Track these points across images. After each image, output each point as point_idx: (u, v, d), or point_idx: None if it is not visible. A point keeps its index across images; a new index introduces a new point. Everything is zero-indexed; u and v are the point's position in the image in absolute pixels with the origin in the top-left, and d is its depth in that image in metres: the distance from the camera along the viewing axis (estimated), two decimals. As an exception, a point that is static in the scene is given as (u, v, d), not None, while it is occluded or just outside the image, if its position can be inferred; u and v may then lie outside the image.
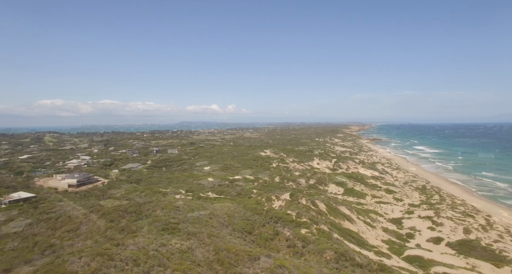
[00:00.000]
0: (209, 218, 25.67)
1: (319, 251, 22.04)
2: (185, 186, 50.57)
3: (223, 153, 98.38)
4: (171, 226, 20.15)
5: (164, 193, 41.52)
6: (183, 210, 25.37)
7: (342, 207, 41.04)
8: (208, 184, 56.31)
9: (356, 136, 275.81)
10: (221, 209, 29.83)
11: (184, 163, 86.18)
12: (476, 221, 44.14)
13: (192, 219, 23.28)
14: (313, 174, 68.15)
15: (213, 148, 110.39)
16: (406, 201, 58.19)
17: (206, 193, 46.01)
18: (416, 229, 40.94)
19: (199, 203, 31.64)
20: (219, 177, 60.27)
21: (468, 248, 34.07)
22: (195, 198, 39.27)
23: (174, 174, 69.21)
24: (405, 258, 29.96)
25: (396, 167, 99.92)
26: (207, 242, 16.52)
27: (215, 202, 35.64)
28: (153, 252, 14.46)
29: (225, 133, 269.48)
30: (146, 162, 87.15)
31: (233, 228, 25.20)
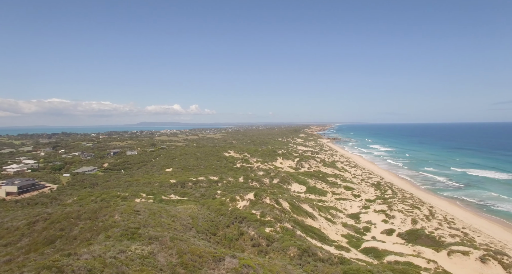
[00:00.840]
0: (172, 221, 24.83)
1: (283, 248, 22.50)
2: (146, 189, 48.35)
3: (186, 154, 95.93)
4: (131, 231, 19.11)
5: (123, 197, 39.25)
6: (144, 214, 24.21)
7: (304, 204, 42.41)
8: (170, 186, 54.47)
9: (317, 136, 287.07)
10: (184, 212, 29.04)
11: (144, 165, 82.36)
12: (421, 212, 48.62)
13: (154, 222, 22.33)
14: (276, 174, 69.49)
15: (176, 149, 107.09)
16: (363, 196, 62.03)
17: (168, 195, 44.46)
18: (372, 223, 43.80)
19: (161, 206, 30.45)
20: (182, 179, 58.65)
21: (415, 237, 37.40)
22: (156, 201, 37.72)
23: (134, 176, 65.77)
24: (362, 250, 31.85)
25: (354, 165, 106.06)
26: (170, 246, 15.96)
27: (178, 205, 34.60)
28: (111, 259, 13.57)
29: (188, 134, 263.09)
30: (102, 165, 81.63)
31: (197, 230, 24.68)
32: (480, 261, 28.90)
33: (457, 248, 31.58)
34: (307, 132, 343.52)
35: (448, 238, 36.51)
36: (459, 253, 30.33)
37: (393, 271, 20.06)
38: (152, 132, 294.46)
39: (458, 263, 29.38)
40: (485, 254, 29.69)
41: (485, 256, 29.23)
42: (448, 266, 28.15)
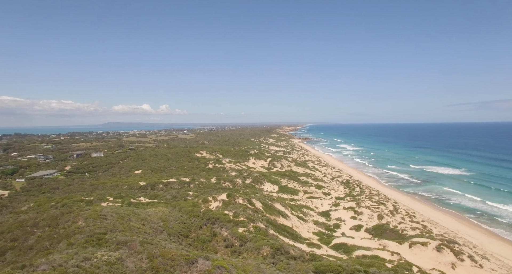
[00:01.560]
0: (142, 224, 23.87)
1: (256, 248, 22.60)
2: (113, 192, 46.02)
3: (156, 155, 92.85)
4: (97, 237, 18.05)
5: (88, 201, 36.98)
6: (111, 218, 23.01)
7: (277, 204, 42.95)
8: (140, 188, 52.40)
9: (288, 136, 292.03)
10: (155, 214, 28.07)
11: (111, 167, 78.38)
12: (386, 207, 51.47)
13: (122, 227, 21.31)
14: (249, 174, 69.66)
15: (145, 151, 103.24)
16: (333, 194, 64.20)
17: (137, 198, 42.72)
18: (341, 220, 45.47)
19: (130, 209, 29.16)
20: (152, 181, 56.67)
21: (380, 231, 39.46)
22: (125, 204, 36.05)
23: (99, 179, 62.33)
24: (332, 246, 32.96)
25: (324, 164, 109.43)
26: (140, 250, 15.34)
27: (148, 207, 33.37)
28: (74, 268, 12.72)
29: (158, 134, 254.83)
30: (63, 168, 76.31)
31: (168, 233, 23.97)
32: (436, 250, 31.26)
33: (417, 239, 33.82)
34: (279, 132, 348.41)
35: (410, 231, 38.99)
36: (419, 244, 32.54)
37: (361, 265, 20.97)
38: (119, 133, 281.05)
39: (418, 253, 31.51)
40: (440, 243, 32.17)
41: (440, 246, 31.68)
42: (410, 257, 30.06)
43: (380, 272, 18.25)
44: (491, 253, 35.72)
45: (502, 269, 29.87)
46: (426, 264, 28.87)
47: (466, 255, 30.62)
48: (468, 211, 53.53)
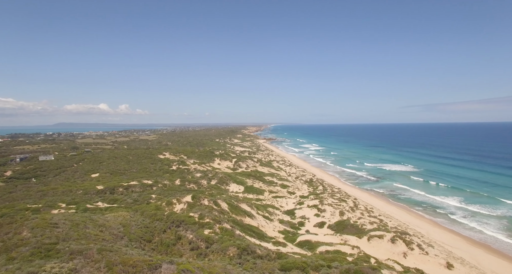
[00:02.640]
0: (100, 231, 22.30)
1: (223, 249, 22.37)
2: (66, 198, 42.42)
3: (115, 158, 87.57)
4: (46, 248, 16.43)
5: (35, 209, 33.55)
6: (64, 226, 21.15)
7: (243, 204, 42.98)
8: (97, 193, 48.97)
9: (253, 136, 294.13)
10: (114, 220, 26.41)
11: (64, 171, 72.20)
12: (347, 204, 54.21)
13: (77, 235, 19.70)
14: (214, 175, 68.83)
15: (103, 153, 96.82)
16: (298, 193, 65.98)
17: (95, 203, 39.86)
18: (305, 217, 46.90)
19: (86, 215, 27.09)
20: (111, 184, 53.30)
21: (342, 227, 41.46)
22: (80, 210, 33.39)
23: (49, 185, 57.02)
24: (297, 244, 33.83)
25: (289, 164, 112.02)
26: (97, 259, 14.31)
27: (107, 213, 31.28)
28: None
29: (118, 135, 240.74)
30: (3, 173, 68.47)
31: (129, 239, 22.71)
32: (391, 242, 33.69)
33: (375, 233, 36.11)
34: (244, 133, 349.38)
35: (368, 225, 41.49)
36: (376, 237, 34.79)
37: (324, 260, 21.81)
38: (73, 134, 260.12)
39: (375, 246, 33.67)
40: (394, 235, 34.74)
41: (394, 237, 34.21)
42: (368, 250, 32.00)
43: (342, 266, 19.12)
44: (435, 241, 39.48)
45: (442, 254, 33.33)
46: (382, 255, 30.94)
47: (415, 244, 33.42)
48: (416, 204, 58.50)
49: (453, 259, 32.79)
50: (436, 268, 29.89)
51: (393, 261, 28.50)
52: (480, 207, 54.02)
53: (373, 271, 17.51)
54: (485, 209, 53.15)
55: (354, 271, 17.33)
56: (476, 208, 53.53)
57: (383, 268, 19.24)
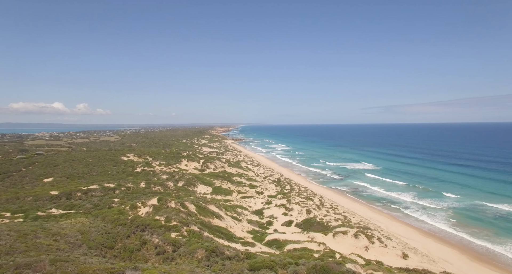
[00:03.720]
0: (54, 240, 20.53)
1: (190, 252, 21.85)
2: (12, 206, 38.47)
3: (73, 160, 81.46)
4: (-14, 264, 14.71)
5: (-26, 219, 29.95)
6: (8, 238, 19.09)
7: (211, 205, 42.41)
8: (50, 199, 45.08)
9: (221, 137, 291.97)
10: (71, 227, 24.49)
11: (10, 176, 65.42)
12: (314, 202, 55.96)
13: (25, 246, 17.92)
14: (181, 176, 67.09)
15: (58, 155, 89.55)
16: (266, 193, 66.66)
17: (48, 210, 36.63)
18: (274, 217, 47.52)
19: (37, 224, 24.78)
20: (67, 189, 49.42)
21: (309, 225, 42.68)
22: (29, 219, 30.45)
23: (-8, 192, 51.26)
24: (266, 243, 34.14)
25: (257, 164, 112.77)
26: (50, 271, 13.15)
27: (63, 220, 28.91)
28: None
29: (75, 136, 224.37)
30: None
31: (88, 246, 21.22)
32: (354, 237, 35.41)
33: (340, 229, 37.68)
34: (211, 133, 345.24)
35: (334, 222, 43.19)
36: (341, 233, 36.33)
37: (292, 258, 22.26)
38: (21, 135, 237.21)
39: (340, 241, 35.14)
40: (357, 231, 36.56)
41: (357, 233, 36.00)
42: (334, 245, 33.29)
43: (309, 262, 19.66)
44: (393, 233, 42.36)
45: (399, 246, 35.91)
46: (346, 250, 32.38)
47: (376, 238, 35.49)
48: (376, 201, 62.22)
49: (408, 250, 35.39)
50: (394, 259, 32.01)
51: (356, 255, 29.96)
52: (430, 201, 59.03)
53: (338, 266, 18.22)
54: (433, 203, 58.21)
55: (321, 267, 17.89)
56: (426, 203, 58.39)
57: (347, 262, 20.11)
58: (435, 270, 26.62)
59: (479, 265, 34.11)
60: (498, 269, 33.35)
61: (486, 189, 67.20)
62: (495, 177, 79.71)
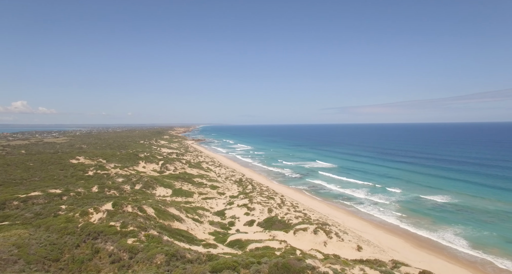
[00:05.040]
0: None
1: (149, 257, 20.84)
2: None
3: (7, 165, 72.53)
4: None
5: None
6: None
7: (171, 208, 40.95)
8: (-19, 209, 39.56)
9: (182, 138, 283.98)
10: (4, 241, 21.71)
11: None
12: (275, 201, 57.05)
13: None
14: (139, 179, 63.76)
15: (-10, 159, 79.05)
16: (228, 193, 66.29)
17: (-24, 223, 32.10)
18: (236, 217, 47.43)
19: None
20: (1, 198, 43.85)
21: (270, 223, 43.40)
22: (-47, 233, 26.37)
23: None
24: (228, 244, 33.94)
25: (218, 165, 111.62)
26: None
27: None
28: None
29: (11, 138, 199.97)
30: None
31: (27, 261, 19.01)
32: (313, 233, 36.86)
33: (300, 226, 38.93)
34: (171, 134, 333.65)
35: (294, 219, 44.47)
36: (301, 230, 37.57)
37: (254, 257, 22.42)
38: None
39: (300, 238, 36.32)
40: (316, 227, 38.13)
41: (316, 229, 37.54)
42: (294, 243, 34.29)
43: (271, 260, 19.97)
44: (349, 228, 45.04)
45: (354, 239, 38.33)
46: (306, 246, 33.56)
47: (333, 233, 37.36)
48: (334, 197, 65.60)
49: (362, 242, 37.88)
50: (350, 251, 34.01)
51: (316, 250, 31.20)
52: (380, 197, 63.99)
53: (299, 262, 18.78)
54: (383, 198, 63.22)
55: (282, 264, 18.28)
56: (377, 198, 63.17)
57: (307, 258, 20.83)
58: (385, 259, 28.84)
59: (420, 251, 37.83)
60: (435, 253, 37.38)
61: (425, 183, 74.84)
62: (432, 173, 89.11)
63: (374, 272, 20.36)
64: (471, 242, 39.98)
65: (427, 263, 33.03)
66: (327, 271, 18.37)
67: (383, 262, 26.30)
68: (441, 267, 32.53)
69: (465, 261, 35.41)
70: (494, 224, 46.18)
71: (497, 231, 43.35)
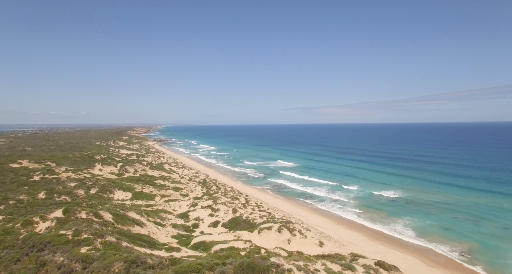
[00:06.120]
0: None
1: (106, 266, 19.51)
2: None
3: None
4: None
5: None
6: None
7: (131, 212, 38.86)
8: None
9: (142, 138, 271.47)
10: None
11: None
12: (240, 201, 57.06)
13: None
14: (94, 183, 59.52)
15: None
16: (191, 195, 64.77)
17: None
18: (200, 219, 46.52)
19: None
20: None
21: (235, 224, 43.30)
22: None
23: None
24: (192, 246, 33.15)
25: (181, 166, 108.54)
26: None
27: None
28: None
29: None
30: None
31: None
32: (278, 232, 37.56)
33: (264, 225, 39.40)
34: (131, 135, 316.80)
35: (259, 219, 44.87)
36: (266, 229, 38.04)
37: (219, 258, 22.18)
38: None
39: (265, 237, 36.76)
40: (280, 225, 38.90)
41: (280, 227, 38.31)
42: (259, 242, 34.59)
43: (236, 261, 19.91)
44: (312, 225, 46.69)
45: (317, 235, 39.83)
46: (271, 244, 34.05)
47: (297, 231, 38.43)
48: (297, 196, 67.56)
49: (324, 238, 39.50)
50: (312, 247, 35.25)
51: (280, 248, 31.81)
52: (340, 194, 67.38)
53: (263, 261, 18.99)
54: (343, 195, 66.64)
55: (247, 264, 18.33)
56: (337, 195, 66.40)
57: (271, 256, 21.14)
58: (345, 253, 30.39)
59: (375, 243, 40.59)
60: (388, 244, 40.41)
61: (379, 180, 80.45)
62: (385, 170, 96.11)
63: (334, 266, 21.35)
64: (417, 232, 44.08)
65: (381, 254, 35.55)
66: (291, 268, 18.83)
67: (343, 256, 27.67)
68: (394, 257, 35.23)
69: (412, 249, 38.93)
70: (435, 215, 51.46)
71: (437, 221, 48.45)
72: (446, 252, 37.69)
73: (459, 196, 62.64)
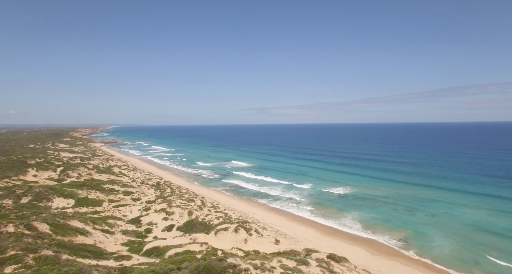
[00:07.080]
0: None
1: (42, 284, 17.53)
2: None
3: None
4: None
5: None
6: None
7: (73, 221, 35.39)
8: None
9: (88, 140, 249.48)
10: None
11: None
12: (195, 203, 55.77)
13: None
14: (26, 190, 52.85)
15: None
16: (144, 199, 61.34)
17: None
18: (153, 223, 44.31)
19: None
20: None
21: (191, 226, 42.19)
22: None
23: None
24: (144, 253, 31.41)
25: (133, 169, 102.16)
26: None
27: None
28: None
29: None
30: None
31: None
32: (234, 232, 37.57)
33: (221, 226, 39.09)
34: (74, 136, 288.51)
35: (215, 220, 44.36)
36: (222, 230, 37.77)
37: (174, 263, 21.42)
38: None
39: (221, 238, 36.48)
40: (237, 226, 38.97)
41: (237, 228, 38.38)
42: (216, 243, 34.22)
43: (192, 264, 19.43)
44: (268, 223, 47.66)
45: (273, 233, 40.79)
46: (228, 245, 33.91)
47: (253, 230, 38.87)
48: (253, 196, 68.38)
49: (279, 236, 40.59)
50: (269, 246, 35.98)
51: (237, 248, 31.84)
52: (294, 192, 69.92)
53: (220, 262, 18.86)
54: (297, 193, 69.29)
55: (203, 267, 18.02)
56: (292, 193, 68.80)
57: (228, 257, 21.07)
58: (299, 249, 31.64)
59: (327, 237, 43.02)
60: (339, 237, 43.16)
61: (329, 178, 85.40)
62: (335, 168, 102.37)
63: (290, 262, 22.08)
64: (363, 225, 47.91)
65: (333, 247, 37.83)
66: (248, 267, 19.00)
67: (297, 252, 28.77)
68: (343, 249, 37.73)
69: (359, 240, 42.20)
70: (378, 208, 56.52)
71: (380, 213, 53.28)
72: (387, 241, 41.74)
73: (398, 190, 69.63)
